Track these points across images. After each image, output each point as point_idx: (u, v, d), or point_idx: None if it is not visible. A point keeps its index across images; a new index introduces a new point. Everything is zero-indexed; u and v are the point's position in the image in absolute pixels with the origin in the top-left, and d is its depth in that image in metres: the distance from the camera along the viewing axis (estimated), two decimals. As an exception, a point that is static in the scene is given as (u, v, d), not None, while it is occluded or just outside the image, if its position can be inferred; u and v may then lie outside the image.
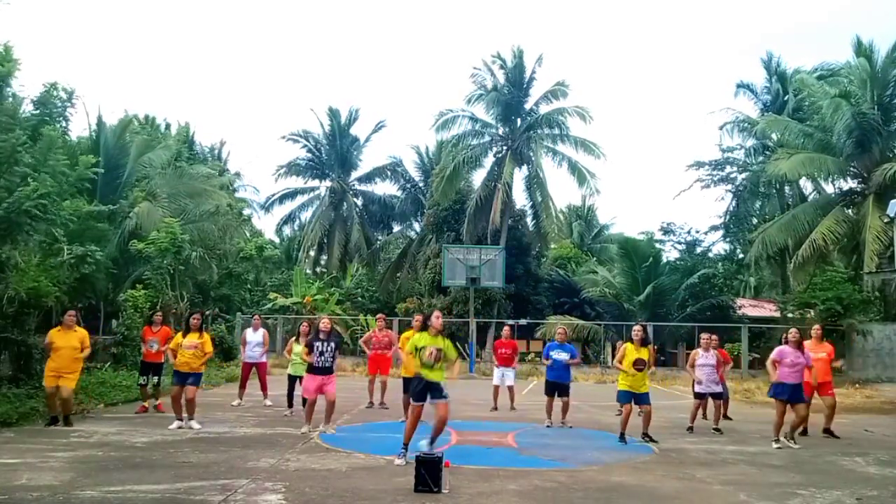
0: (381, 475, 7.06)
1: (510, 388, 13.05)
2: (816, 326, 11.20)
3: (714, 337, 11.50)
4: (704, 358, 11.04)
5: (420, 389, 7.59)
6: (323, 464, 7.54)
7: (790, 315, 24.55)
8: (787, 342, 9.85)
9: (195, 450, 8.13)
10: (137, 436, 9.01)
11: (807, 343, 10.65)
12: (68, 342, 9.64)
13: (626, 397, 9.52)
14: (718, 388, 11.14)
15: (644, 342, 9.57)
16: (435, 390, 7.53)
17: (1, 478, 6.50)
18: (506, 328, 13.74)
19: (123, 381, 13.74)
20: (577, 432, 10.59)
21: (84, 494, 5.96)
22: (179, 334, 10.15)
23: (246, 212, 35.54)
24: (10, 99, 11.54)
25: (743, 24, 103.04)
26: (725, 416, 12.04)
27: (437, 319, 7.80)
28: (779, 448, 9.26)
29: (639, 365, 9.39)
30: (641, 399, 9.48)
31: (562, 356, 11.12)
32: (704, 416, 11.68)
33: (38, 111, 12.08)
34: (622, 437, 9.46)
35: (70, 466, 7.05)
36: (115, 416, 10.79)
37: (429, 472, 6.27)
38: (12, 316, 11.62)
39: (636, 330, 9.67)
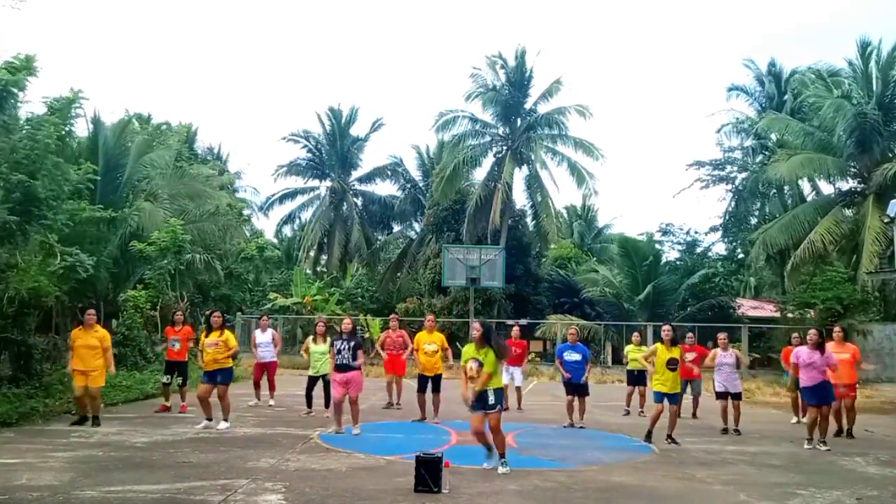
0: (381, 475, 7.06)
1: (518, 389, 13.04)
2: (837, 328, 11.01)
3: (690, 335, 11.43)
4: (722, 357, 11.03)
5: (473, 400, 7.42)
6: (323, 464, 7.54)
7: (790, 315, 24.53)
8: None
9: (195, 450, 8.13)
10: (137, 436, 9.02)
11: (828, 345, 10.60)
12: (86, 341, 9.76)
13: (660, 398, 9.46)
14: (738, 389, 11.10)
15: (674, 342, 9.57)
16: (482, 400, 7.33)
17: (1, 478, 6.50)
18: (515, 328, 13.68)
19: (123, 381, 13.73)
20: (578, 432, 10.60)
21: (84, 494, 5.96)
22: (203, 334, 10.20)
23: (246, 212, 35.51)
24: (12, 101, 11.56)
25: (745, 25, 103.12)
26: (694, 416, 12.34)
27: (475, 332, 7.55)
28: (810, 448, 9.26)
29: (672, 364, 9.39)
30: (672, 399, 9.46)
31: (574, 357, 11.11)
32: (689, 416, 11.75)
33: (51, 116, 12.06)
34: (649, 436, 9.38)
35: (70, 466, 7.05)
36: (116, 416, 10.79)
37: (429, 472, 6.27)
38: (12, 316, 11.62)
39: (666, 330, 9.65)
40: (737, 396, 11.05)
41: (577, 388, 11.05)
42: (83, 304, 12.10)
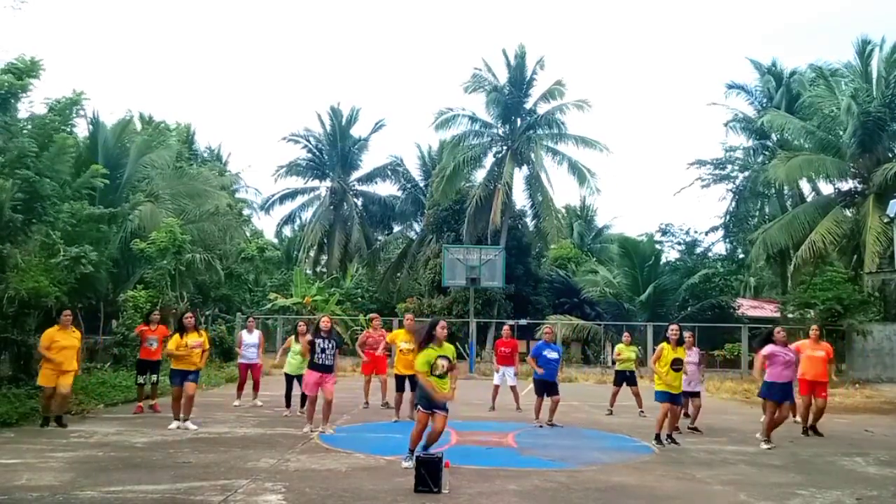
0: (381, 475, 7.06)
1: (513, 388, 13.02)
2: (814, 327, 11.15)
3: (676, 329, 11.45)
4: (689, 356, 11.02)
5: (429, 397, 7.42)
6: (323, 464, 7.54)
7: (790, 315, 24.54)
8: (775, 341, 9.77)
9: (195, 450, 8.13)
10: (137, 436, 9.02)
11: (804, 342, 10.67)
12: (71, 341, 9.78)
13: (664, 396, 9.36)
14: (698, 388, 11.13)
15: (679, 342, 9.55)
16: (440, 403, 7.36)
17: (1, 478, 6.51)
18: (505, 327, 13.73)
19: (123, 381, 13.75)
20: (578, 432, 10.60)
21: (84, 495, 5.96)
22: (177, 335, 9.98)
23: (246, 212, 35.52)
24: (13, 102, 11.60)
25: (745, 25, 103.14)
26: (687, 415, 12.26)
27: (441, 330, 7.47)
28: (769, 448, 9.25)
29: (676, 365, 9.37)
30: (675, 400, 9.43)
31: (553, 355, 11.18)
32: (686, 415, 11.73)
33: (56, 117, 12.13)
34: (658, 438, 9.29)
35: (70, 467, 7.05)
36: (115, 417, 10.79)
37: (429, 472, 6.27)
38: (12, 316, 11.65)
39: (673, 330, 9.60)
40: (696, 395, 11.03)
41: (548, 388, 11.08)
42: (83, 305, 12.12)
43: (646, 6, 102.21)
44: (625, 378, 13.06)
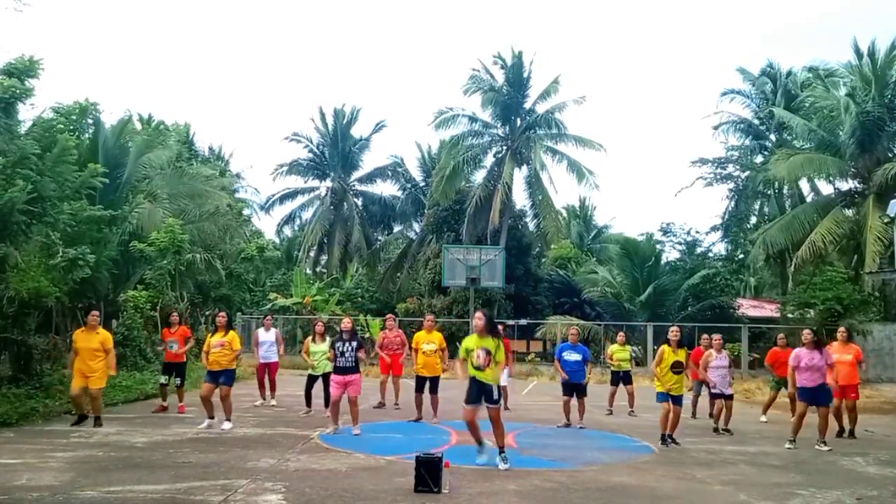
0: (381, 475, 7.07)
1: (503, 388, 12.99)
2: (842, 329, 10.96)
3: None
4: (718, 360, 11.01)
5: (474, 392, 7.55)
6: (323, 464, 7.54)
7: (790, 315, 24.52)
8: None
9: (195, 450, 8.14)
10: (137, 436, 9.02)
11: (832, 345, 10.54)
12: (88, 343, 9.79)
13: (664, 398, 9.42)
14: (730, 391, 11.13)
15: (680, 344, 9.54)
16: (487, 394, 7.52)
17: (1, 478, 6.51)
18: (499, 326, 13.71)
19: (123, 381, 13.73)
20: (578, 432, 10.61)
21: (84, 495, 5.97)
22: (209, 335, 10.19)
23: (246, 212, 35.49)
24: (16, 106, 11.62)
25: (745, 25, 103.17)
26: (693, 416, 12.45)
27: (477, 321, 7.75)
28: (790, 448, 9.22)
29: (676, 368, 9.38)
30: (676, 401, 9.42)
31: (573, 357, 11.12)
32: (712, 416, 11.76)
33: (64, 120, 12.17)
34: (664, 439, 9.34)
35: (70, 467, 7.06)
36: (116, 417, 10.79)
37: (429, 472, 6.27)
38: (12, 316, 11.64)
39: (673, 331, 9.59)
40: (729, 397, 11.08)
41: (575, 388, 11.05)
42: (83, 305, 12.10)
43: (646, 5, 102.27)
44: (620, 377, 13.14)
